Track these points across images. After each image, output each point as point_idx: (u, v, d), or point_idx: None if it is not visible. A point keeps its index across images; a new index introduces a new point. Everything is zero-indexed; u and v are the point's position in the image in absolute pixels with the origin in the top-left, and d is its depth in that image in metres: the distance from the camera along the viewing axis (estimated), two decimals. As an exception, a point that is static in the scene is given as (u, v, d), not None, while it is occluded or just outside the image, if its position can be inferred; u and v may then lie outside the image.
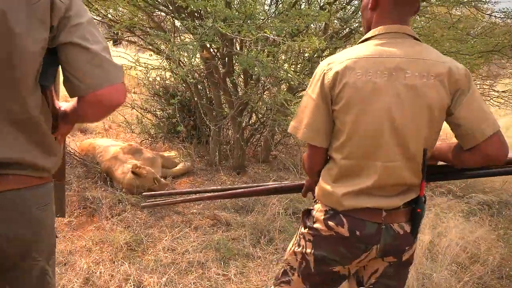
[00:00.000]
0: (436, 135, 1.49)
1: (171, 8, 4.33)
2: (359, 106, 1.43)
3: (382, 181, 1.46)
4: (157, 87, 5.90)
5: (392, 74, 1.40)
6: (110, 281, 2.77)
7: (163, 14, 4.90)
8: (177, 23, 4.77)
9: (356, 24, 4.83)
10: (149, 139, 5.96)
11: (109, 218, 3.61)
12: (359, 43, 1.55)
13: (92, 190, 3.98)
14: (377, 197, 1.49)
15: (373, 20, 1.52)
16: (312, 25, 4.83)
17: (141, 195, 3.80)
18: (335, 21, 4.88)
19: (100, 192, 3.93)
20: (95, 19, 5.57)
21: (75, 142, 5.44)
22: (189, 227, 3.61)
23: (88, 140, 5.05)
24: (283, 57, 5.13)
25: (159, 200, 2.80)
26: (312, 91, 1.52)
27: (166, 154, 5.04)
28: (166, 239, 3.33)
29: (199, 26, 3.43)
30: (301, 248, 1.62)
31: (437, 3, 4.64)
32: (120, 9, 4.73)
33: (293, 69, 4.99)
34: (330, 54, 5.14)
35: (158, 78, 5.87)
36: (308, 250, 1.59)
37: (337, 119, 1.49)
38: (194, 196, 2.34)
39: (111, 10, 4.66)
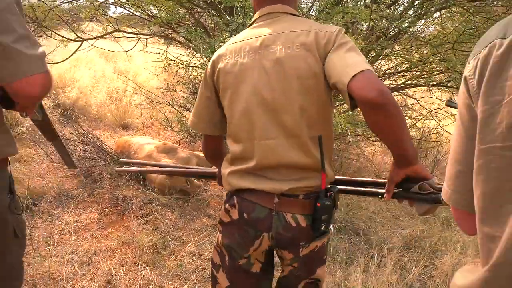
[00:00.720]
0: (321, 108, 1.40)
1: (208, 3, 4.23)
2: (231, 89, 1.45)
3: (263, 160, 1.42)
4: (197, 85, 5.82)
5: (258, 52, 1.41)
6: (131, 285, 2.69)
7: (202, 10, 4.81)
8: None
9: (406, 24, 4.54)
10: (188, 137, 5.89)
11: (138, 218, 3.54)
12: None
13: (124, 189, 3.94)
14: (266, 180, 1.43)
15: (254, 7, 1.56)
16: (363, 25, 4.60)
17: (118, 161, 3.88)
18: (383, 20, 4.60)
19: (131, 191, 3.88)
20: (135, 15, 5.59)
21: (113, 138, 5.45)
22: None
23: (125, 137, 5.03)
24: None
25: (132, 167, 2.85)
26: (201, 83, 1.58)
27: (202, 154, 4.95)
28: (192, 244, 3.22)
29: (231, 23, 3.29)
30: (216, 241, 1.58)
31: (494, 2, 4.30)
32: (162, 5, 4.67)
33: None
34: (377, 55, 4.88)
35: (199, 77, 5.79)
36: (220, 242, 1.55)
37: (223, 107, 1.51)
38: (159, 169, 2.32)
39: (147, 5, 4.61)
